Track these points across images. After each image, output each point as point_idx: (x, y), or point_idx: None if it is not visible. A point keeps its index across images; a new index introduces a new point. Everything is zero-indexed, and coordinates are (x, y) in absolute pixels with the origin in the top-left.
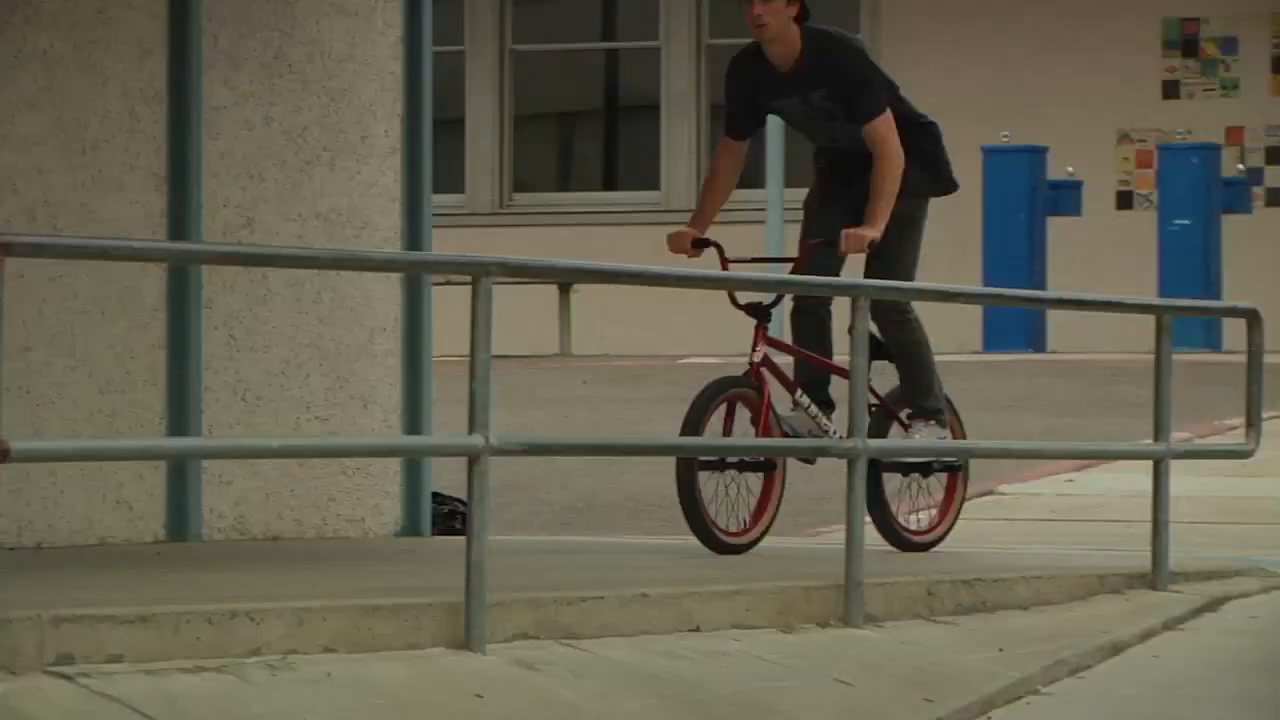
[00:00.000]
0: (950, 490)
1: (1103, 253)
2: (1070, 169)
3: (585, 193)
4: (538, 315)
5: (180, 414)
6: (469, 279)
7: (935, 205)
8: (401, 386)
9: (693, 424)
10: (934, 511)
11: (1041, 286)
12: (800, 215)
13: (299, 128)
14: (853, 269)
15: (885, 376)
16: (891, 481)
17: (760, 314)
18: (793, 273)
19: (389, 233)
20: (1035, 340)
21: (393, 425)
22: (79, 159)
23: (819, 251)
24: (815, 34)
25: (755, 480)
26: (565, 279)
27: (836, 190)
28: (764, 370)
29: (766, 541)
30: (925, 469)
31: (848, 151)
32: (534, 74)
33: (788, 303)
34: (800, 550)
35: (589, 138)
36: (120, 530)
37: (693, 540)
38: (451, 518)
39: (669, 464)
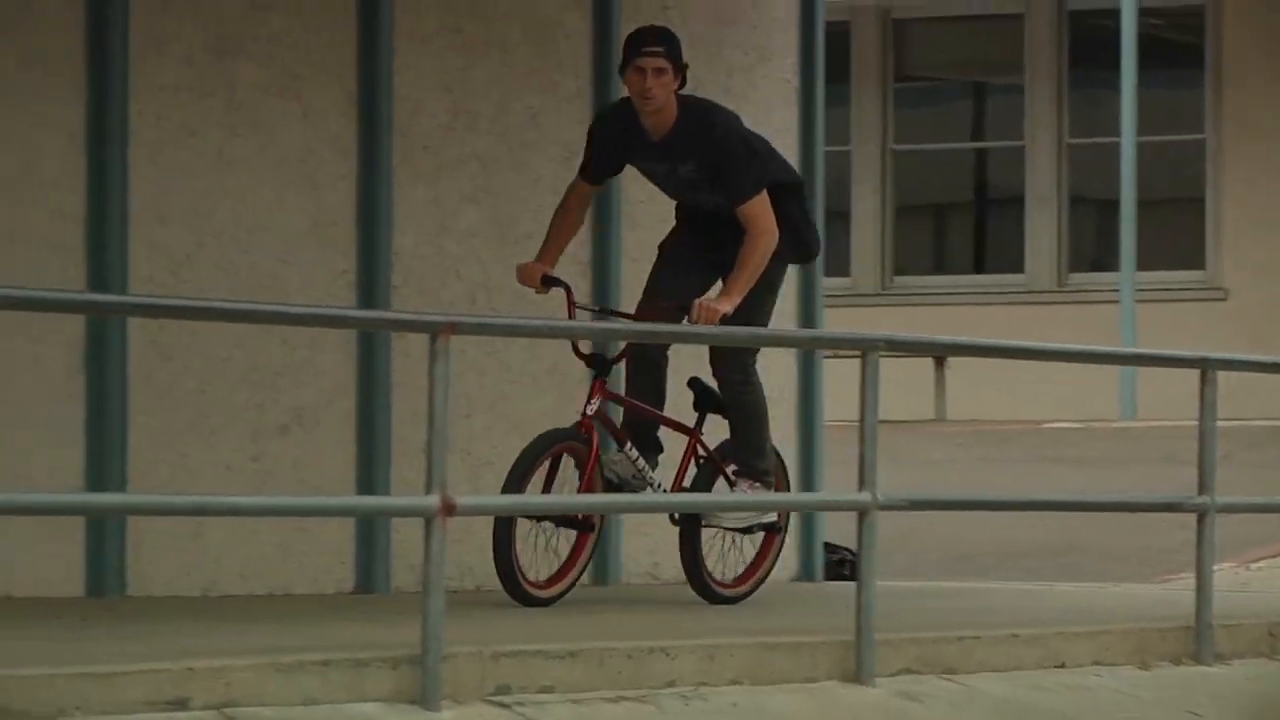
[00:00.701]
0: (765, 549)
1: None
2: None
3: (957, 275)
4: (915, 385)
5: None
6: (858, 353)
7: None
8: (797, 448)
9: (517, 477)
10: (743, 568)
11: None
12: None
13: None
14: None
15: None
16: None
17: (601, 366)
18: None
19: (789, 314)
20: None
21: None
22: (511, 248)
23: (668, 315)
24: (691, 106)
25: (569, 537)
26: (942, 353)
27: (703, 251)
28: (595, 423)
29: (1123, 586)
30: (746, 529)
31: (711, 214)
32: (912, 170)
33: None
34: (1153, 595)
35: (960, 226)
36: None
37: (1060, 586)
38: (840, 565)
39: (1034, 517)
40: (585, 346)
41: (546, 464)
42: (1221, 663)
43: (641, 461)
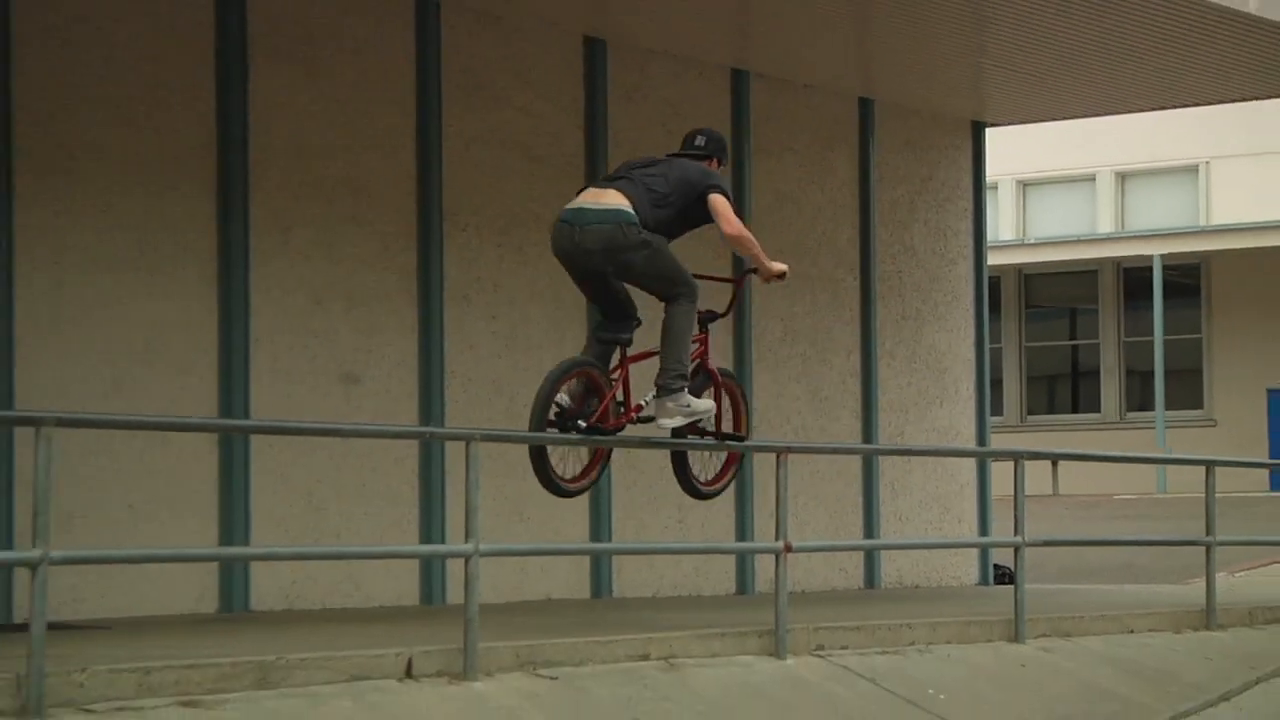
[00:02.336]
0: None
1: None
2: None
3: (1064, 414)
4: (1041, 475)
5: None
6: (1011, 460)
7: None
8: (976, 513)
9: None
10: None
11: None
12: None
13: (925, 385)
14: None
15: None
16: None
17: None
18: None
19: (970, 436)
20: None
21: None
22: (822, 405)
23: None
24: None
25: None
26: (1056, 459)
27: None
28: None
29: (1165, 585)
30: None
31: None
32: (1037, 356)
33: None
34: (1183, 591)
35: (1063, 387)
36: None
37: (1129, 586)
38: (1003, 577)
39: (1116, 550)
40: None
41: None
42: (1221, 630)
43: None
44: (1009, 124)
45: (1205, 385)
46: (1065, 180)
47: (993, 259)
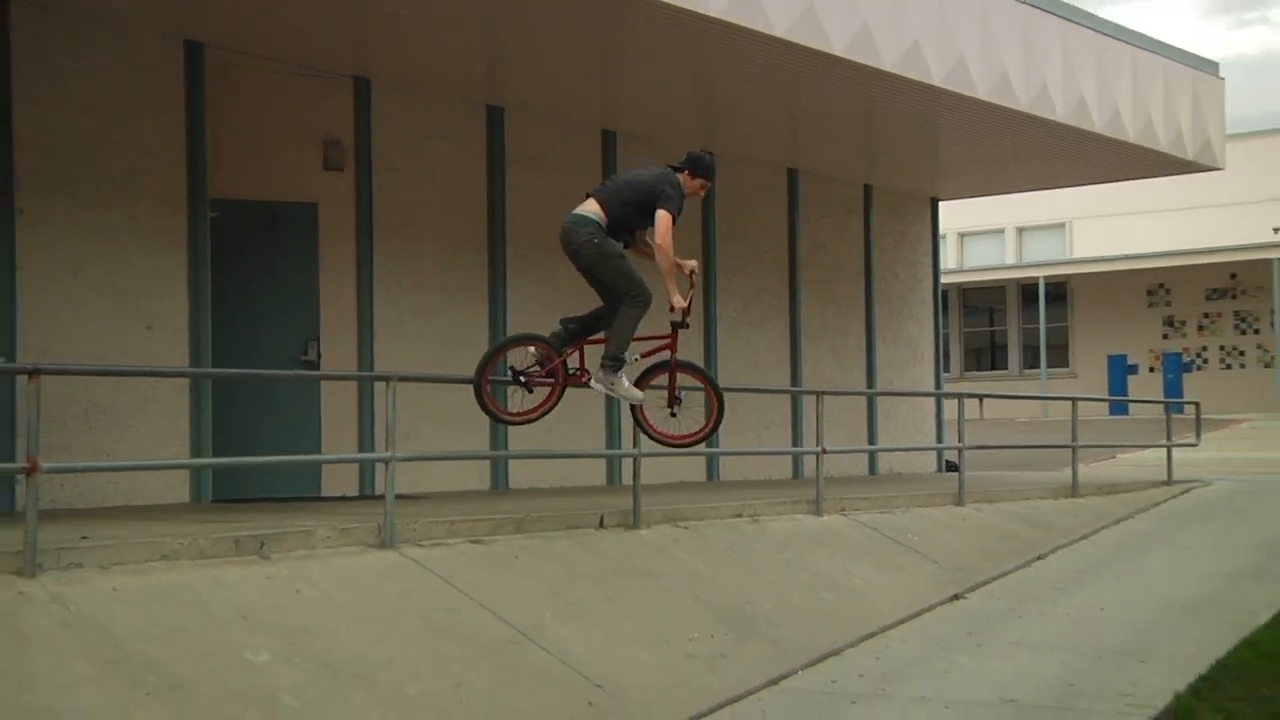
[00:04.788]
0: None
1: None
2: None
3: (982, 371)
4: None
5: None
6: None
7: None
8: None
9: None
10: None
11: None
12: None
13: (904, 355)
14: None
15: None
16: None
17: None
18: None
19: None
20: None
21: None
22: (842, 367)
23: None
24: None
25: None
26: (981, 396)
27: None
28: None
29: (1048, 472)
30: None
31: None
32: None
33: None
34: (1057, 476)
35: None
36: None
37: (1031, 473)
38: (951, 467)
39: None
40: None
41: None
42: (1082, 498)
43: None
44: (953, 199)
45: (1070, 353)
46: (986, 231)
47: (944, 279)
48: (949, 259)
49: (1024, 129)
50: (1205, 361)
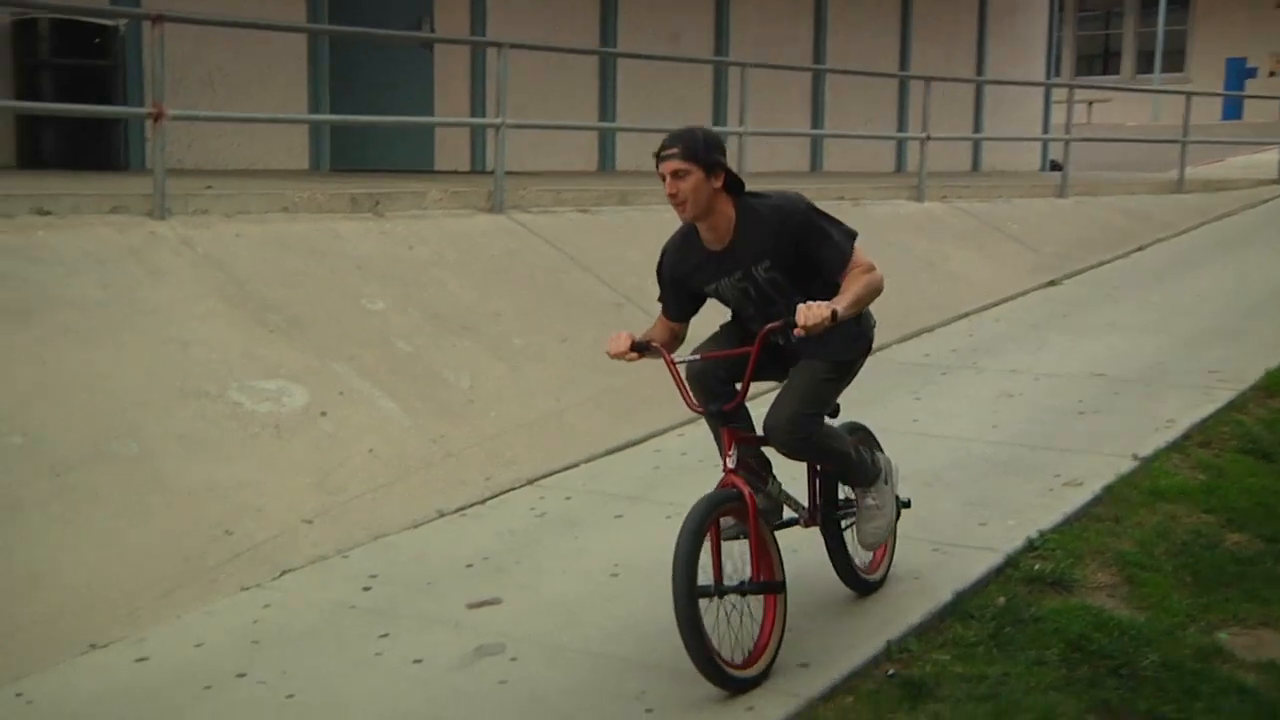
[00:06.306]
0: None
1: None
2: None
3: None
4: None
5: None
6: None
7: None
8: None
9: (685, 560)
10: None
11: None
12: None
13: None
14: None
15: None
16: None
17: (722, 415)
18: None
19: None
20: None
21: None
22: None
23: (770, 337)
24: (747, 201)
25: (757, 605)
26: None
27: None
28: (740, 475)
29: None
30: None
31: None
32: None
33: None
34: None
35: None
36: None
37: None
38: None
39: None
40: (698, 401)
41: (709, 534)
42: (1187, 194)
43: (778, 485)
44: None
45: (1187, 58)
46: None
47: None
48: None
49: None
50: None
